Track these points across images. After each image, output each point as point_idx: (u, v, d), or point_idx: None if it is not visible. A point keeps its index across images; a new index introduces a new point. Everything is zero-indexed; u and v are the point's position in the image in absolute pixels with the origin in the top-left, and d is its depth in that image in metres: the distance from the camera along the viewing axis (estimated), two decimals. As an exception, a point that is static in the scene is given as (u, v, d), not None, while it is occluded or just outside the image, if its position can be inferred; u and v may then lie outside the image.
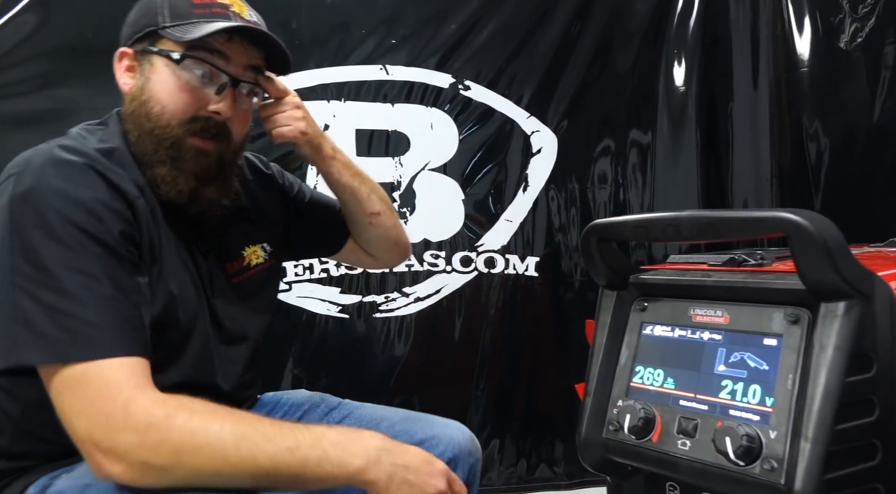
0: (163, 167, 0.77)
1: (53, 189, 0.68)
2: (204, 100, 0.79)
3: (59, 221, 0.67)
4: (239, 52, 0.80)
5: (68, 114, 1.47)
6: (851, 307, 0.59)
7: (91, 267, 0.67)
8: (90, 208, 0.69)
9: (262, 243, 0.94)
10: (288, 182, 1.04)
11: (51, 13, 1.48)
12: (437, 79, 1.72)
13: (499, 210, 1.76)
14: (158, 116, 0.77)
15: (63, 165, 0.70)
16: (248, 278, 0.91)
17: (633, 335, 0.76)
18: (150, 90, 0.78)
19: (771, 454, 0.60)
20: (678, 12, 1.81)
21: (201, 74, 0.78)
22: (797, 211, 0.60)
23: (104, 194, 0.70)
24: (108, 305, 0.67)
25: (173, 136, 0.77)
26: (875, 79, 1.41)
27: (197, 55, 0.77)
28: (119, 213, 0.71)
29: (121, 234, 0.70)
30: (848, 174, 1.51)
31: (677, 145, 1.82)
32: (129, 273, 0.70)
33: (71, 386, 0.65)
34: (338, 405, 0.99)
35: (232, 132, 0.81)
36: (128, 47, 0.81)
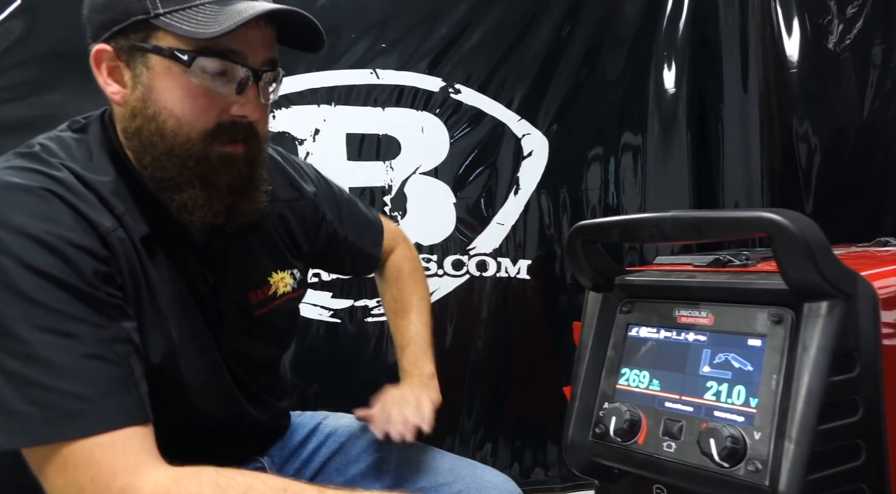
0: (192, 190, 0.64)
1: (6, 225, 0.55)
2: (224, 102, 0.64)
3: (16, 267, 0.54)
4: (256, 38, 0.64)
5: (56, 121, 1.46)
6: (834, 307, 0.59)
7: (63, 322, 0.55)
8: (54, 249, 0.56)
9: (291, 268, 0.81)
10: (328, 206, 0.89)
11: (38, 20, 1.47)
12: (428, 82, 1.72)
13: (490, 213, 1.76)
14: (175, 132, 0.63)
15: (16, 191, 0.57)
16: (274, 310, 0.78)
17: (619, 336, 0.76)
18: (157, 101, 0.62)
19: (755, 455, 0.60)
20: (667, 15, 1.81)
21: (217, 73, 0.63)
22: (779, 211, 0.59)
23: (70, 229, 0.57)
24: (89, 368, 0.55)
25: (197, 152, 0.63)
26: (864, 80, 1.42)
27: (211, 51, 0.61)
28: (90, 250, 0.58)
29: (94, 274, 0.58)
30: (838, 175, 1.51)
31: (668, 148, 1.82)
32: (112, 319, 0.58)
33: (57, 470, 0.54)
34: (377, 441, 0.85)
35: (259, 131, 0.68)
36: (104, 43, 0.64)
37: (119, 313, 0.60)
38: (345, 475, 0.87)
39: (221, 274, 0.73)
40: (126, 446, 0.55)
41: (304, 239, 0.85)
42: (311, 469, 0.88)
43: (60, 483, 0.55)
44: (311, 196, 0.87)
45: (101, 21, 0.64)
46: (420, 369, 0.94)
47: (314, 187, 0.89)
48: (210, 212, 0.65)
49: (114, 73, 0.65)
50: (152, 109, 0.63)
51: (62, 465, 0.54)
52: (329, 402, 1.68)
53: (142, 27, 0.62)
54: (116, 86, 0.65)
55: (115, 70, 0.65)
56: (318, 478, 0.87)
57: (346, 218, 0.94)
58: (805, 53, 1.58)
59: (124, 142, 0.66)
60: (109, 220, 0.61)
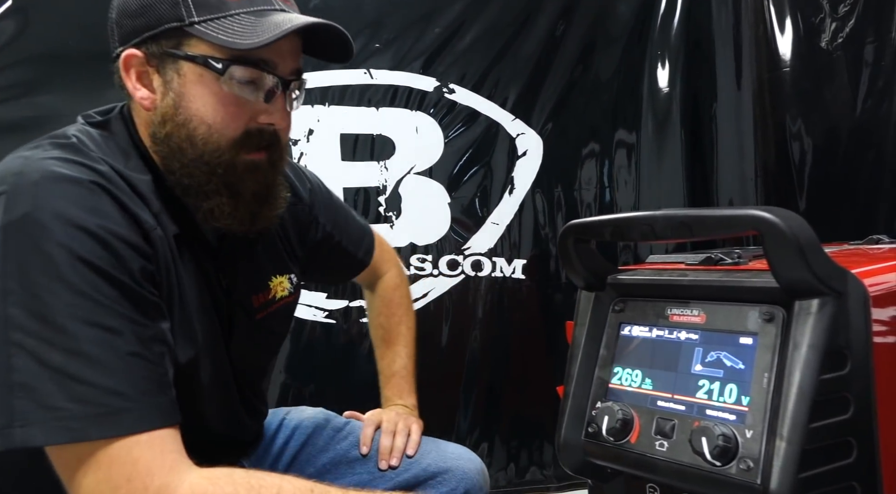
0: (219, 197, 0.65)
1: (56, 215, 0.54)
2: (252, 111, 0.65)
3: (66, 257, 0.54)
4: (286, 48, 0.65)
5: (49, 122, 1.45)
6: (825, 305, 0.59)
7: (108, 317, 0.54)
8: (105, 242, 0.55)
9: (289, 273, 0.82)
10: (322, 208, 0.90)
11: (31, 20, 1.47)
12: (422, 82, 1.72)
13: (485, 213, 1.76)
14: (205, 139, 0.63)
15: (66, 183, 0.56)
16: (272, 314, 0.79)
17: (612, 335, 0.76)
18: (189, 108, 0.63)
19: (747, 453, 0.60)
20: (661, 14, 1.81)
21: (247, 81, 0.64)
22: (770, 209, 0.59)
23: (119, 223, 0.57)
24: (131, 366, 0.55)
25: (226, 160, 0.64)
26: (856, 78, 1.42)
27: (244, 60, 0.62)
28: (137, 247, 0.58)
29: (141, 272, 0.58)
30: (831, 173, 1.51)
31: (662, 146, 1.82)
32: (153, 319, 0.58)
33: (89, 469, 0.53)
34: (343, 427, 0.92)
35: (282, 138, 0.69)
36: (135, 48, 0.64)
37: (158, 312, 0.60)
38: (315, 465, 0.89)
39: (231, 277, 0.73)
40: (163, 446, 0.55)
41: (299, 242, 0.87)
42: (283, 463, 0.89)
43: (92, 481, 0.53)
44: (306, 199, 0.88)
45: (132, 26, 0.64)
46: (404, 400, 0.99)
47: (310, 190, 0.90)
48: (236, 220, 0.66)
49: (142, 78, 0.65)
50: (183, 115, 0.63)
51: (96, 464, 0.53)
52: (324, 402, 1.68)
53: (175, 34, 0.63)
54: (145, 91, 0.65)
55: (144, 75, 0.65)
56: (291, 471, 0.88)
57: (339, 222, 0.95)
58: (798, 52, 1.59)
59: (150, 145, 0.66)
60: (150, 218, 0.62)
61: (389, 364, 1.03)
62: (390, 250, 1.09)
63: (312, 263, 0.91)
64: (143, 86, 0.65)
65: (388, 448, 0.87)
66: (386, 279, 1.06)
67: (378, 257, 1.03)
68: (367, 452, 0.88)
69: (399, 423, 0.90)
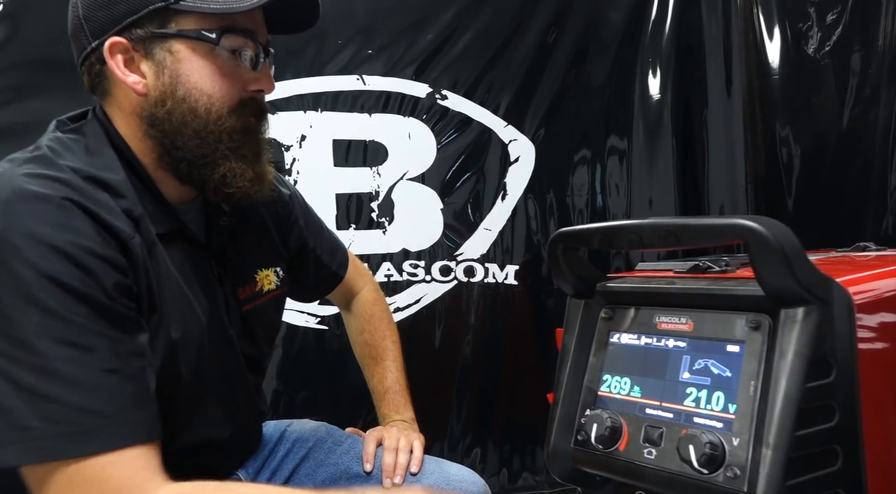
0: (228, 162, 0.67)
1: (25, 235, 0.54)
2: (242, 79, 0.68)
3: (36, 278, 0.53)
4: (260, 17, 0.69)
5: (39, 127, 1.45)
6: (810, 313, 0.59)
7: (80, 335, 0.54)
8: (76, 260, 0.55)
9: (275, 266, 0.83)
10: (301, 214, 0.91)
11: (21, 26, 1.46)
12: (415, 88, 1.72)
13: (477, 219, 1.77)
14: (207, 109, 0.65)
15: (36, 200, 0.56)
16: (259, 307, 0.79)
17: (601, 343, 0.76)
18: (187, 83, 0.64)
19: (734, 461, 0.60)
20: (652, 21, 1.83)
21: (234, 50, 0.66)
22: (755, 218, 0.60)
23: (91, 239, 0.57)
24: (105, 383, 0.54)
25: (229, 127, 0.66)
26: (843, 86, 1.44)
27: (233, 30, 0.65)
28: (110, 261, 0.58)
29: (115, 287, 0.57)
30: (819, 180, 1.53)
31: (654, 153, 1.83)
32: (129, 333, 0.58)
33: (62, 489, 0.53)
34: (344, 441, 0.91)
35: (266, 106, 0.72)
36: (117, 36, 0.64)
37: (135, 326, 0.60)
38: (314, 479, 0.87)
39: (223, 267, 0.74)
40: (136, 463, 0.55)
41: (280, 240, 0.87)
42: (283, 476, 0.88)
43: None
44: (286, 198, 0.89)
45: (108, 16, 0.64)
46: (401, 415, 0.98)
47: (290, 193, 0.91)
48: (246, 180, 0.68)
49: (129, 64, 0.66)
50: (182, 90, 0.64)
51: (68, 483, 0.53)
52: (316, 408, 1.68)
53: (159, 15, 0.64)
54: (136, 76, 0.65)
55: (130, 62, 0.65)
56: (290, 484, 0.87)
57: (315, 232, 0.95)
58: (786, 60, 1.60)
59: (146, 131, 0.66)
60: (128, 225, 0.61)
61: (381, 381, 1.01)
62: (362, 266, 1.09)
63: (292, 270, 0.91)
64: (131, 72, 0.65)
65: (391, 465, 0.85)
66: (363, 295, 1.06)
67: (352, 272, 1.02)
68: (371, 469, 0.86)
69: (401, 440, 0.88)
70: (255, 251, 0.80)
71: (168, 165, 0.68)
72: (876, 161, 1.37)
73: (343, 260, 1.01)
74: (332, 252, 0.98)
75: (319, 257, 0.96)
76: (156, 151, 0.67)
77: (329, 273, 0.98)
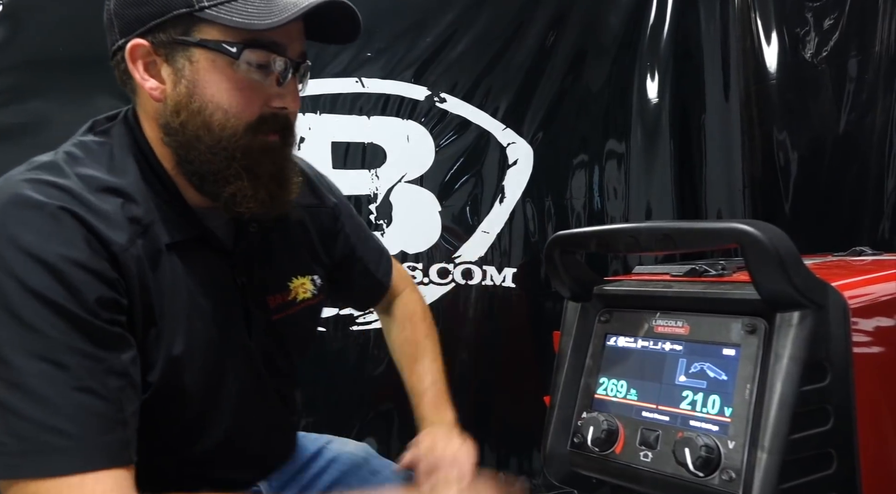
0: (239, 182, 0.64)
1: (14, 244, 0.54)
2: (265, 94, 0.64)
3: (16, 289, 0.53)
4: (294, 30, 0.65)
5: (38, 128, 1.45)
6: (805, 317, 0.60)
7: (56, 351, 0.53)
8: (59, 272, 0.54)
9: (312, 274, 0.79)
10: (347, 221, 0.88)
11: (20, 26, 1.46)
12: (413, 91, 1.73)
13: (475, 222, 1.77)
14: (222, 125, 0.62)
15: (28, 208, 0.55)
16: (292, 316, 0.76)
17: (598, 346, 0.76)
18: (203, 95, 0.62)
19: (729, 464, 0.60)
20: (650, 26, 1.83)
21: (259, 65, 0.63)
22: (751, 222, 0.60)
23: (80, 249, 0.56)
24: (74, 402, 0.53)
25: (243, 144, 0.63)
26: (840, 91, 1.44)
27: (258, 43, 0.62)
28: (98, 273, 0.56)
29: (98, 302, 0.56)
30: (816, 184, 1.53)
31: (652, 156, 1.84)
32: (110, 350, 0.56)
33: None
34: (381, 470, 0.86)
35: (293, 121, 0.68)
36: (140, 38, 0.62)
37: (118, 343, 0.58)
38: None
39: (248, 276, 0.71)
40: (98, 488, 0.53)
41: (322, 248, 0.84)
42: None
43: None
44: (330, 205, 0.86)
45: (135, 16, 0.63)
46: (441, 417, 0.93)
47: (335, 199, 0.89)
48: (256, 202, 0.65)
49: (149, 68, 0.64)
50: (198, 102, 0.62)
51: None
52: (315, 410, 1.67)
53: (183, 21, 0.61)
54: (154, 81, 0.64)
55: (152, 65, 0.64)
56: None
57: (362, 241, 0.92)
58: (784, 65, 1.61)
59: (162, 138, 0.65)
60: (124, 236, 0.59)
61: (419, 381, 0.96)
62: (403, 270, 1.06)
63: (336, 279, 0.88)
64: (150, 76, 0.64)
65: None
66: (403, 296, 1.02)
67: (395, 278, 0.99)
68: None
69: (452, 471, 0.78)
70: (289, 259, 0.77)
71: (184, 174, 0.66)
72: (872, 166, 1.38)
73: (387, 268, 0.98)
74: (378, 261, 0.96)
75: (366, 266, 0.93)
76: (173, 159, 0.66)
77: (375, 282, 0.95)
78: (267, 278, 0.74)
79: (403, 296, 1.03)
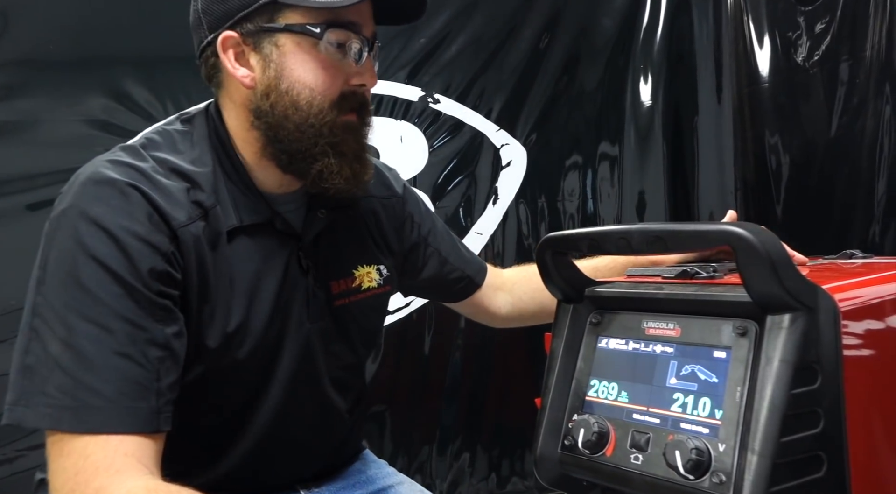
0: (326, 158, 0.68)
1: (84, 215, 0.59)
2: (345, 73, 0.68)
3: (82, 256, 0.58)
4: (366, 10, 0.69)
5: (28, 126, 1.44)
6: (796, 320, 0.60)
7: (106, 315, 0.58)
8: (120, 241, 0.59)
9: (378, 264, 0.82)
10: (415, 210, 0.90)
11: (10, 24, 1.45)
12: (407, 92, 1.72)
13: (469, 223, 1.77)
14: (309, 102, 0.67)
15: (102, 184, 0.61)
16: (355, 303, 0.79)
17: (589, 348, 0.76)
18: (290, 76, 0.66)
19: (719, 467, 0.60)
20: (644, 28, 1.84)
21: (339, 44, 0.67)
22: (742, 224, 0.60)
23: (141, 223, 0.60)
24: (113, 365, 0.57)
25: (329, 121, 0.68)
26: (831, 95, 1.45)
27: (337, 24, 0.66)
28: (156, 246, 0.61)
29: (151, 273, 0.60)
30: (807, 187, 1.54)
31: (644, 158, 1.84)
32: (156, 321, 0.60)
33: (56, 456, 0.57)
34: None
35: (368, 100, 0.72)
36: (230, 30, 0.67)
37: (165, 316, 0.61)
38: None
39: (313, 260, 0.74)
40: (118, 448, 0.57)
41: (395, 237, 0.86)
42: None
43: (55, 468, 0.57)
44: (399, 194, 0.89)
45: (222, 10, 0.67)
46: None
47: (403, 187, 0.91)
48: (342, 178, 0.68)
49: (240, 58, 0.68)
50: (286, 83, 0.66)
51: (60, 452, 0.57)
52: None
53: (267, 9, 0.66)
54: (245, 70, 0.68)
55: (241, 55, 0.68)
56: None
57: (435, 232, 0.93)
58: (776, 68, 1.62)
59: (252, 122, 0.68)
60: (185, 214, 0.64)
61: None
62: (501, 273, 1.03)
63: (410, 268, 0.89)
64: (241, 65, 0.68)
65: None
66: (503, 277, 0.99)
67: (489, 283, 0.98)
68: None
69: None
70: (356, 246, 0.80)
71: (271, 156, 0.69)
72: (863, 169, 1.39)
73: (478, 267, 0.97)
74: (458, 254, 0.95)
75: (446, 257, 0.93)
76: (260, 141, 0.69)
77: (461, 275, 0.94)
78: (332, 264, 0.77)
79: (505, 277, 1.01)
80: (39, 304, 0.59)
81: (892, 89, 1.32)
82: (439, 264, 0.93)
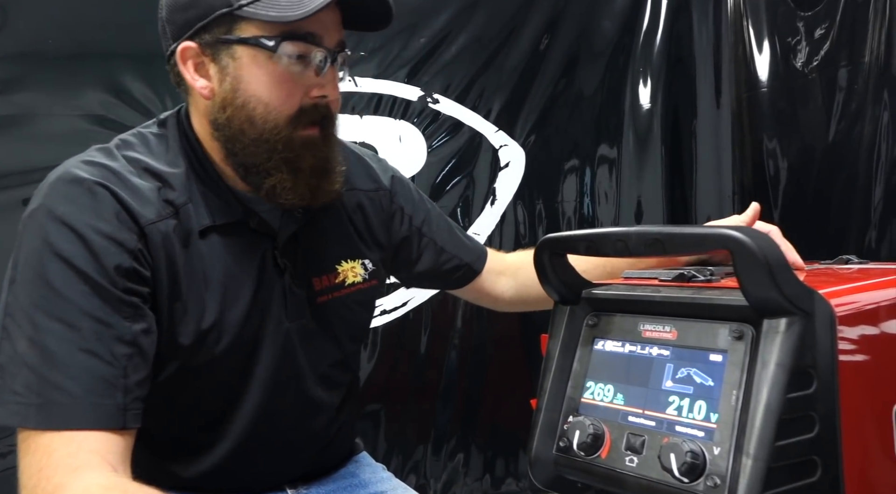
0: (280, 174, 0.67)
1: (52, 214, 0.60)
2: (304, 85, 0.67)
3: (49, 254, 0.59)
4: (329, 19, 0.67)
5: (25, 121, 1.44)
6: (792, 324, 0.60)
7: (71, 313, 0.58)
8: (86, 239, 0.59)
9: (363, 258, 0.81)
10: (405, 202, 0.87)
11: (9, 18, 1.45)
12: (406, 92, 1.72)
13: (466, 224, 1.77)
14: (264, 118, 0.66)
15: (71, 183, 0.61)
16: (339, 299, 0.78)
17: (585, 350, 0.76)
18: (246, 90, 0.66)
19: (714, 470, 0.60)
20: (644, 31, 1.84)
21: (297, 57, 0.65)
22: (740, 228, 0.60)
23: (108, 221, 0.61)
24: (81, 363, 0.57)
25: (284, 137, 0.67)
26: (830, 100, 1.46)
27: (293, 36, 0.64)
28: (122, 243, 0.61)
29: (118, 270, 0.60)
30: (804, 192, 1.55)
31: (643, 161, 1.84)
32: (123, 318, 0.60)
33: (24, 452, 0.57)
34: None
35: (333, 111, 0.71)
36: (189, 41, 0.66)
37: (132, 313, 0.61)
38: None
39: (291, 258, 0.74)
40: (82, 445, 0.57)
41: (383, 230, 0.85)
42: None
43: (24, 464, 0.58)
44: (386, 187, 0.87)
45: (184, 19, 0.67)
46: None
47: (391, 179, 0.88)
48: (296, 195, 0.68)
49: (199, 68, 0.68)
50: (241, 98, 0.66)
51: (27, 449, 0.57)
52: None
53: (225, 21, 0.65)
54: (203, 81, 0.68)
55: (201, 65, 0.68)
56: None
57: (428, 221, 0.90)
58: (775, 73, 1.62)
59: (212, 133, 0.68)
60: (154, 212, 0.64)
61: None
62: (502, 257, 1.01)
63: (403, 261, 0.87)
64: (200, 76, 0.68)
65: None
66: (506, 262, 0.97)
67: (490, 268, 0.95)
68: None
69: None
70: (339, 242, 0.79)
71: (232, 165, 0.70)
72: (861, 175, 1.39)
73: (477, 253, 0.94)
74: (455, 241, 0.93)
75: (442, 247, 0.91)
76: (222, 152, 0.70)
77: (459, 264, 0.92)
78: (313, 260, 0.76)
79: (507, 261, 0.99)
80: (10, 303, 0.59)
81: (891, 95, 1.32)
82: (435, 255, 0.91)
